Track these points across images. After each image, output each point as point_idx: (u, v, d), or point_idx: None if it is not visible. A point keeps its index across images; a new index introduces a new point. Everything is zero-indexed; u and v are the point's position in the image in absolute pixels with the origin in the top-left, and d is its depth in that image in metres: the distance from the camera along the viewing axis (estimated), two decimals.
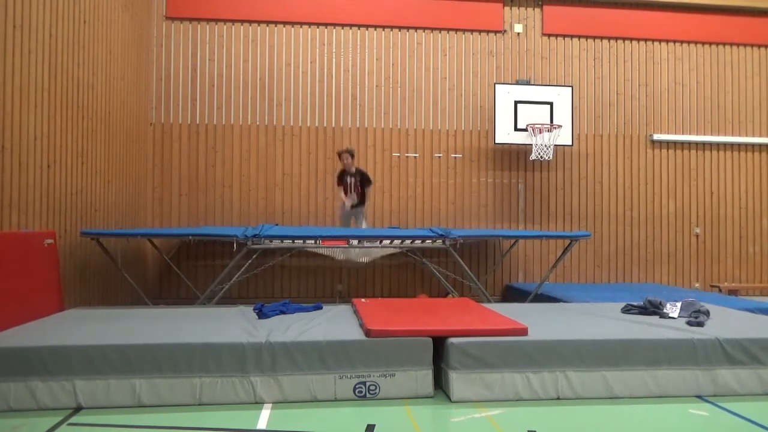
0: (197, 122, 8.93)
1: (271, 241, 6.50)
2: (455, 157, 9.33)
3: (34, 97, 5.31)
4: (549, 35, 9.54)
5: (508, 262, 9.33)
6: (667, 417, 3.62)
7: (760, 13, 9.86)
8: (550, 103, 9.05)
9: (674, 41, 9.75)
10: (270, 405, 3.70)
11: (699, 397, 3.97)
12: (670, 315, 4.91)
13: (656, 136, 9.64)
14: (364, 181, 8.09)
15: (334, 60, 9.20)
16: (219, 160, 8.93)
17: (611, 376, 3.93)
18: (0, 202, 4.79)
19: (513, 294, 8.60)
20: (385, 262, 9.10)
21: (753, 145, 9.83)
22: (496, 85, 9.05)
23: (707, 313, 4.87)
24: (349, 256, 7.91)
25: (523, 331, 4.05)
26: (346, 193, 8.08)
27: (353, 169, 8.08)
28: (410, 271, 9.16)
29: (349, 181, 8.08)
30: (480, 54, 9.43)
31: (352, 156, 8.03)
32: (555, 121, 8.98)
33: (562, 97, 9.08)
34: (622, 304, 5.40)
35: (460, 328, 4.05)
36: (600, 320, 4.77)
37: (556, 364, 3.90)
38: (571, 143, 9.11)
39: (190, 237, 6.79)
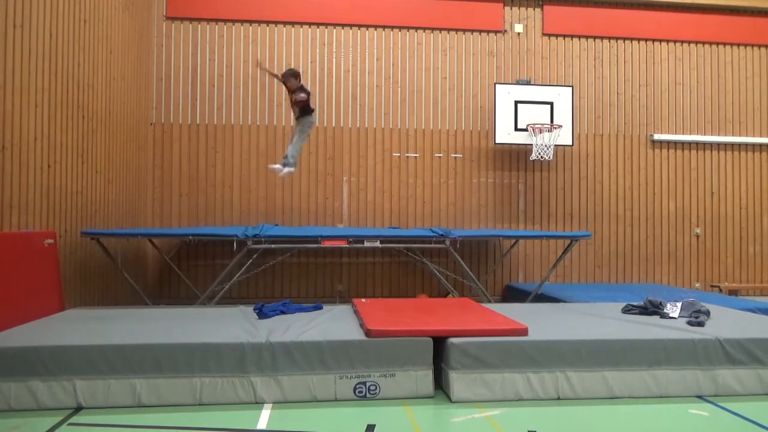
0: (197, 122, 8.93)
1: (271, 243, 6.50)
2: (455, 157, 9.32)
3: (34, 97, 5.31)
4: (549, 35, 9.54)
5: (509, 262, 9.33)
6: (668, 417, 3.62)
7: (760, 13, 9.85)
8: (551, 103, 9.04)
9: (674, 41, 9.75)
10: (270, 405, 3.70)
11: (699, 397, 3.97)
12: (671, 315, 4.91)
13: (656, 136, 9.64)
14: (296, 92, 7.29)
15: (334, 60, 9.20)
16: (219, 160, 8.93)
17: (611, 376, 3.93)
18: (0, 202, 4.79)
19: (513, 294, 8.60)
20: (386, 262, 9.10)
21: (753, 145, 9.82)
22: (497, 85, 9.05)
23: (707, 313, 4.87)
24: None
25: (524, 331, 4.05)
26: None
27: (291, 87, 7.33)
28: (410, 271, 9.16)
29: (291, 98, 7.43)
30: (480, 54, 9.43)
31: (291, 77, 7.28)
32: (555, 121, 8.98)
33: (562, 97, 9.08)
34: (623, 304, 5.40)
35: (461, 328, 4.05)
36: (600, 320, 4.76)
37: (556, 364, 3.90)
38: (571, 143, 9.10)
39: (191, 237, 6.79)
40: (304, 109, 7.38)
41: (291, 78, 7.41)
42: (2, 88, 4.82)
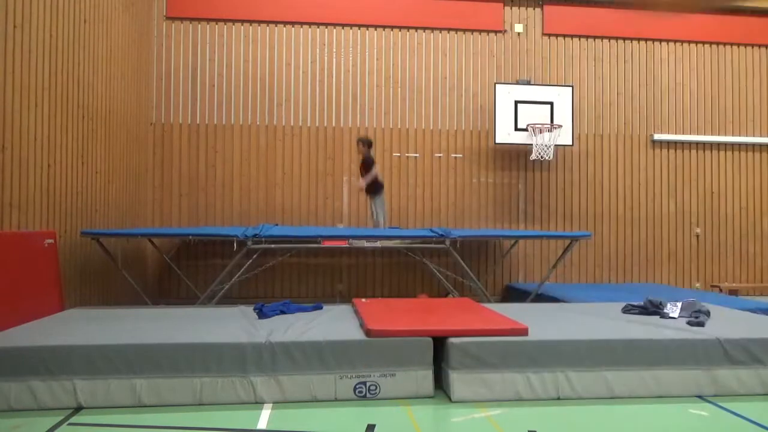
0: (197, 122, 8.93)
1: (271, 243, 6.50)
2: (456, 157, 9.32)
3: (34, 96, 5.31)
4: (549, 35, 9.54)
5: (509, 262, 9.33)
6: (668, 417, 3.61)
7: (761, 13, 9.85)
8: (551, 103, 9.04)
9: (675, 41, 9.75)
10: (270, 405, 3.70)
11: (699, 397, 3.96)
12: (671, 315, 4.90)
13: (657, 136, 9.64)
14: (365, 164, 7.80)
15: (334, 60, 9.20)
16: (219, 160, 8.93)
17: (612, 375, 3.93)
18: (0, 202, 4.79)
19: (513, 294, 8.60)
20: (386, 262, 9.10)
21: (753, 145, 9.82)
22: (497, 85, 9.05)
23: (708, 313, 4.87)
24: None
25: (524, 331, 4.04)
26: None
27: (361, 156, 7.86)
28: (411, 271, 9.16)
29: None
30: (480, 54, 9.43)
31: (363, 144, 7.81)
32: (555, 121, 8.97)
33: (562, 97, 9.08)
34: (623, 304, 5.39)
35: (461, 328, 4.05)
36: (600, 320, 4.76)
37: (556, 363, 3.89)
38: (571, 143, 9.10)
39: (190, 237, 6.79)
40: (372, 187, 7.74)
41: (360, 144, 7.81)
42: (2, 88, 4.82)
